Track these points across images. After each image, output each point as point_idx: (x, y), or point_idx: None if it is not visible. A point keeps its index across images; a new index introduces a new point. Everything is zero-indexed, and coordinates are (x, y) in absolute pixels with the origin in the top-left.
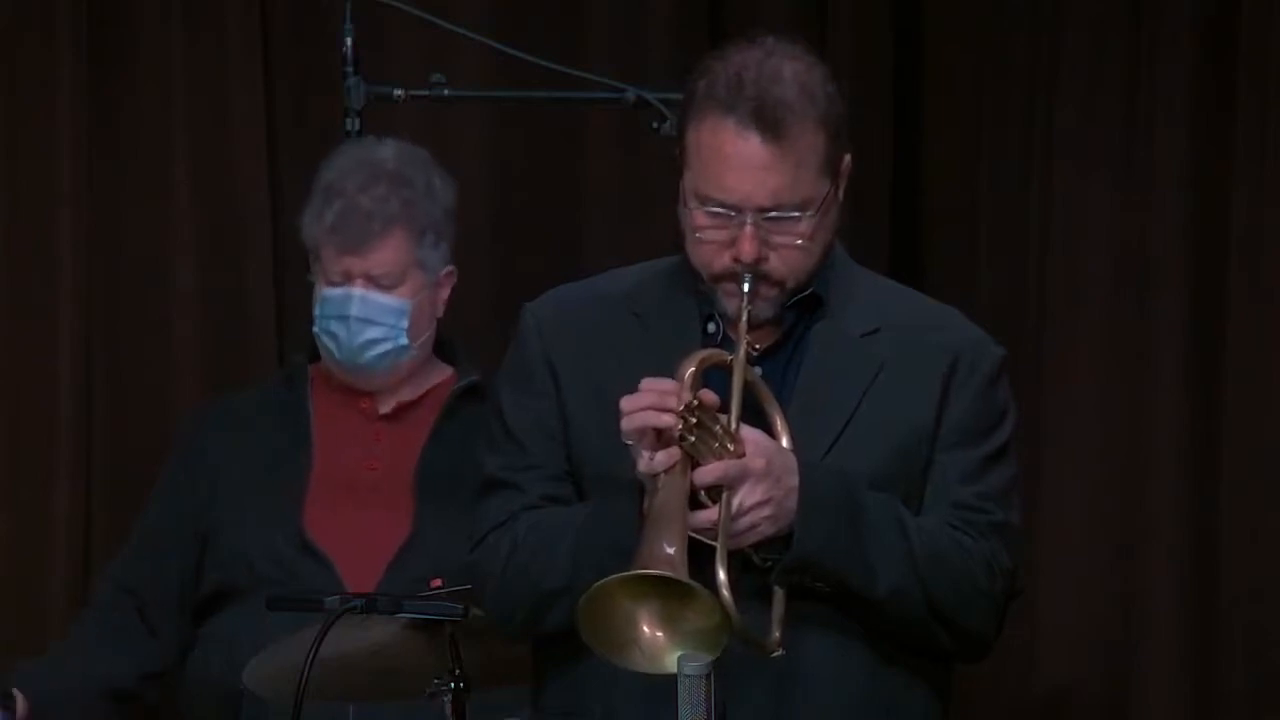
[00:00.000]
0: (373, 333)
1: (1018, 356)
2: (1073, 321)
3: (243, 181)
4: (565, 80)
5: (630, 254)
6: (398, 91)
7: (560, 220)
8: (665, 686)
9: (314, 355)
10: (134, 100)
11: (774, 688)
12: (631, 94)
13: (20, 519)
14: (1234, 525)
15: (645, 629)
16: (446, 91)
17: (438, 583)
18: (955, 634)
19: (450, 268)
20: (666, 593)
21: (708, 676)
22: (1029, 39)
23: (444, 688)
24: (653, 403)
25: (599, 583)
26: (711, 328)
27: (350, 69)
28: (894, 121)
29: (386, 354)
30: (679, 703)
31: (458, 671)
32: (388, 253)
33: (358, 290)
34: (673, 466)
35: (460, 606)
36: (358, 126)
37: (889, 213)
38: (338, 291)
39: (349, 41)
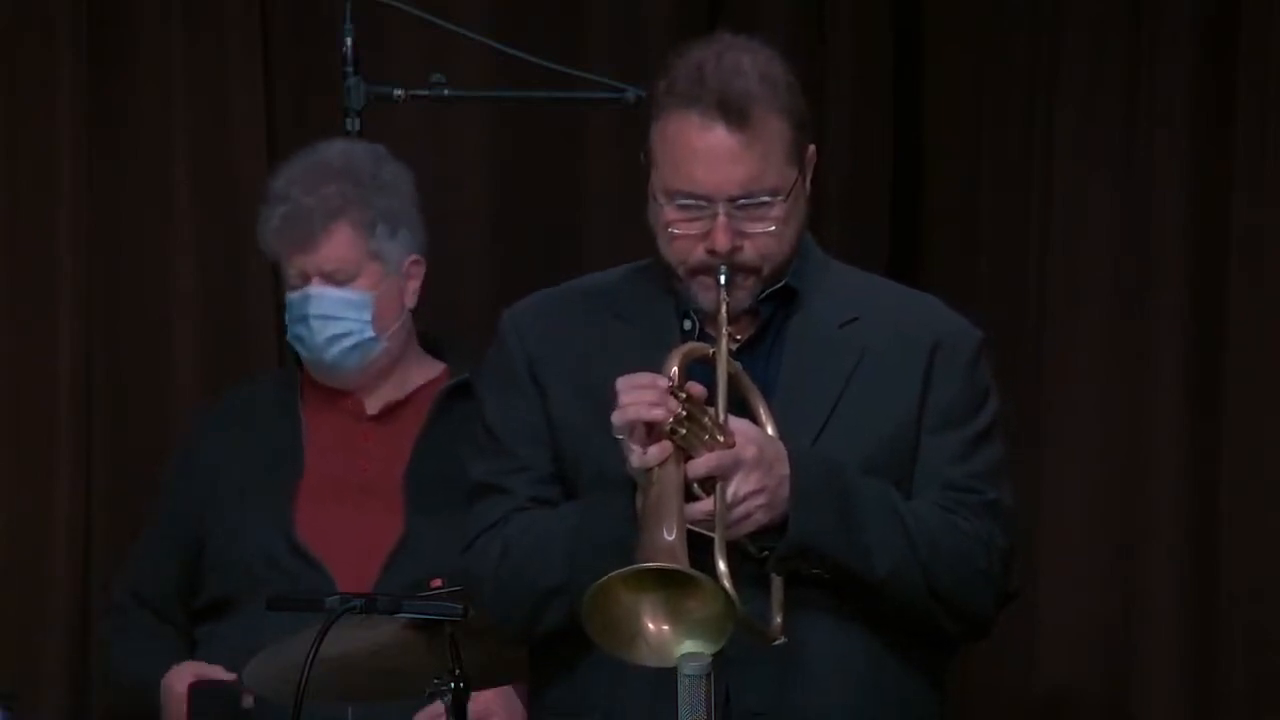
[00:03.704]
0: (335, 328)
1: (1018, 356)
2: (1073, 321)
3: (243, 181)
4: (565, 80)
5: (630, 254)
6: (398, 91)
7: (560, 220)
8: (666, 687)
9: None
10: (134, 100)
11: (776, 675)
12: (631, 94)
13: (20, 519)
14: (1234, 525)
15: (650, 622)
16: (446, 91)
17: (438, 583)
18: (955, 614)
19: (415, 257)
20: (669, 584)
21: (708, 676)
22: (1029, 39)
23: (444, 688)
24: (642, 397)
25: (602, 579)
26: (687, 325)
27: (350, 69)
28: (894, 121)
29: (354, 348)
30: (679, 703)
31: (458, 671)
32: (336, 247)
33: (314, 289)
34: (665, 460)
35: (460, 606)
36: (358, 126)
37: (889, 212)
38: (296, 294)
39: (349, 41)
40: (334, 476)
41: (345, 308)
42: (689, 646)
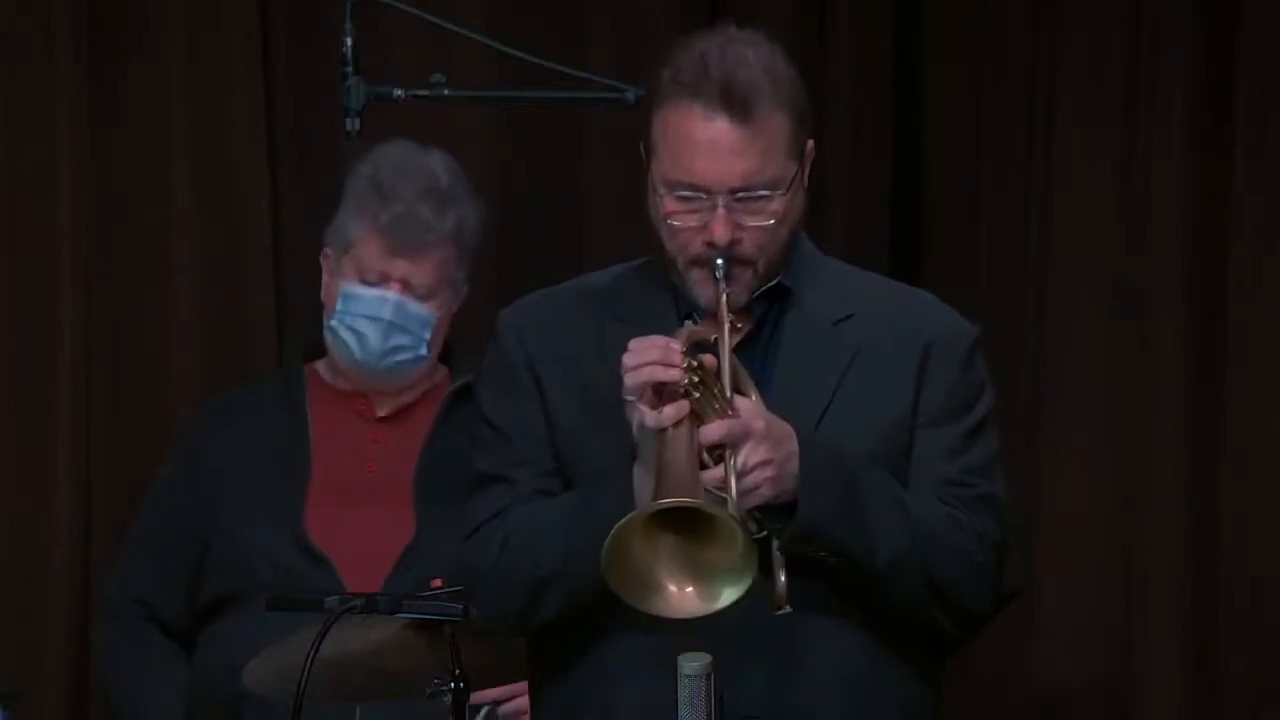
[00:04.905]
0: (400, 339)
1: (1018, 357)
2: (1073, 321)
3: (243, 181)
4: (565, 80)
5: (630, 254)
6: (398, 91)
7: (560, 220)
8: (662, 686)
9: (308, 356)
10: (134, 100)
11: (771, 675)
12: (631, 94)
13: (20, 519)
14: (1234, 524)
15: (671, 573)
16: (446, 91)
17: (438, 583)
18: (951, 608)
19: (465, 285)
20: (688, 532)
21: (708, 676)
22: (1029, 39)
23: (444, 688)
24: (658, 358)
25: (627, 518)
26: (690, 324)
27: (350, 69)
28: (894, 121)
29: (406, 362)
30: (679, 703)
31: (458, 671)
32: (433, 266)
33: (393, 294)
34: (680, 422)
35: (460, 606)
36: (358, 126)
37: (889, 212)
38: (373, 291)
39: (349, 41)
40: (342, 478)
41: (417, 323)
42: (727, 594)
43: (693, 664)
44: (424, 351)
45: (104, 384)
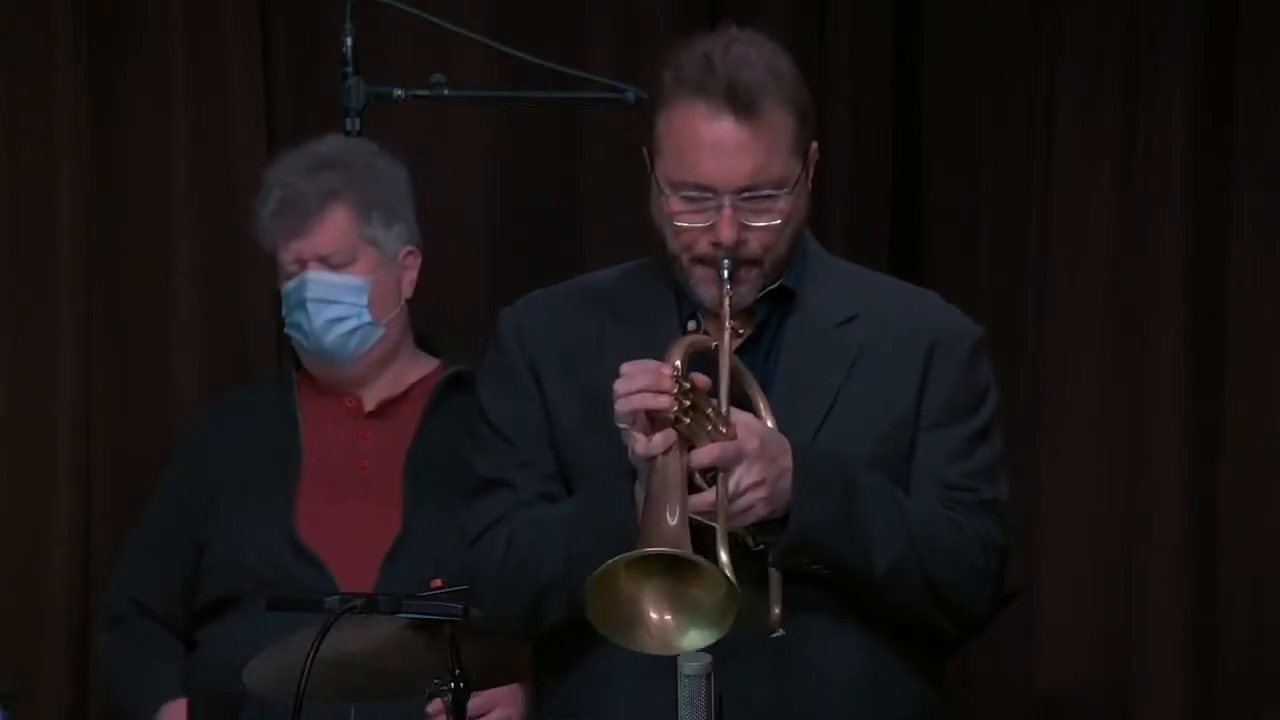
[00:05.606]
0: (333, 311)
1: (1018, 357)
2: (1072, 321)
3: (243, 182)
4: (565, 80)
5: (630, 254)
6: (398, 91)
7: (560, 220)
8: (662, 687)
9: (300, 360)
10: (134, 100)
11: (772, 677)
12: (631, 94)
13: (21, 519)
14: (1234, 524)
15: (652, 610)
16: (446, 91)
17: (438, 583)
18: (952, 611)
19: (410, 248)
20: (672, 571)
21: (708, 676)
22: (1029, 39)
23: (444, 688)
24: (647, 385)
25: (605, 564)
26: (692, 325)
27: (350, 69)
28: (894, 121)
29: (353, 333)
30: (679, 703)
31: (458, 671)
32: (331, 230)
33: (310, 273)
34: (669, 448)
35: (460, 606)
36: (358, 127)
37: (889, 212)
38: (293, 281)
39: (349, 41)
40: (333, 474)
41: (343, 291)
42: (693, 636)
43: (693, 664)
44: (368, 318)
45: (104, 384)
